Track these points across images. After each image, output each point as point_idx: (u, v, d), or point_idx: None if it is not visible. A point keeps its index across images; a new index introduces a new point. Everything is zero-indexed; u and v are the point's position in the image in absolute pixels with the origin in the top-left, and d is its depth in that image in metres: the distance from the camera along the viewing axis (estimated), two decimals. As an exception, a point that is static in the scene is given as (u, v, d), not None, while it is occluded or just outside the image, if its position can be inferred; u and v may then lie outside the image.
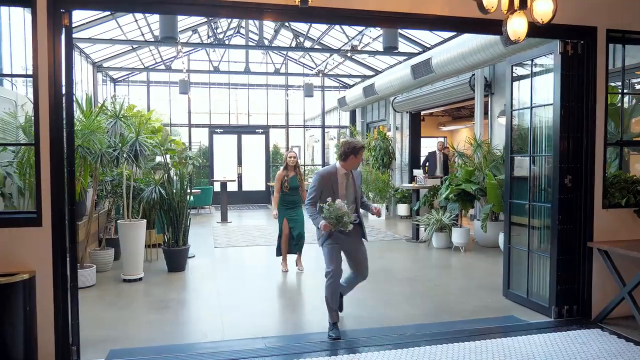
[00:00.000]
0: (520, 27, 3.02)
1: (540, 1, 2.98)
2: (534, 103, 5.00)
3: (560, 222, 4.57)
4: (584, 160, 4.56)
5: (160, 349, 4.04)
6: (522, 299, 5.06)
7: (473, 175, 8.05)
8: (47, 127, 3.48)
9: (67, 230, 3.61)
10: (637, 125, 5.86)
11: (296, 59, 15.22)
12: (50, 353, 3.58)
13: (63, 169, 3.56)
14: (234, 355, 3.82)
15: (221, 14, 5.44)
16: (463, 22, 4.19)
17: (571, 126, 4.56)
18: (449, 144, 14.61)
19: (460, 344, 4.03)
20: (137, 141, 6.01)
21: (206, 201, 13.62)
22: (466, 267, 7.08)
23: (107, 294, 5.69)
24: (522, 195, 5.14)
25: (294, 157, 6.68)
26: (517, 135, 5.36)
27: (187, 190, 6.89)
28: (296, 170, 6.67)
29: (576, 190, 4.58)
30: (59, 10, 3.47)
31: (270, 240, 8.86)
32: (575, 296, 4.64)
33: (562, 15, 4.31)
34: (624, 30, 4.64)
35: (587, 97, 4.54)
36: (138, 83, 14.89)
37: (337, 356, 3.78)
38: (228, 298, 5.57)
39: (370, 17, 4.10)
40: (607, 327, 4.40)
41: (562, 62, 4.54)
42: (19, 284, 3.40)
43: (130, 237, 6.15)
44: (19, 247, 3.51)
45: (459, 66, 8.11)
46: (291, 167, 6.64)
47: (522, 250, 5.10)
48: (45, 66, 3.46)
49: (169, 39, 7.19)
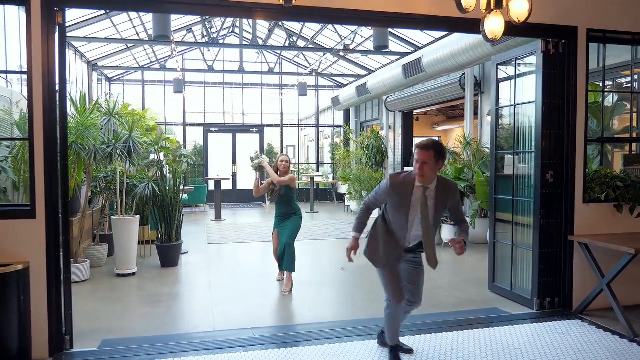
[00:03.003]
0: (497, 26, 3.14)
1: (515, 1, 3.10)
2: (518, 101, 5.13)
3: (542, 217, 4.70)
4: (565, 156, 4.69)
5: (152, 339, 4.14)
6: (506, 291, 5.19)
7: (462, 173, 8.18)
8: (40, 123, 3.58)
9: (61, 222, 3.71)
10: (620, 122, 6.00)
11: (290, 58, 15.33)
12: (44, 342, 3.68)
13: (56, 163, 3.66)
14: (222, 345, 3.92)
15: (212, 13, 5.56)
16: (449, 21, 4.30)
17: (553, 123, 4.69)
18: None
19: (444, 334, 4.15)
20: (131, 138, 6.11)
21: (200, 199, 13.71)
22: (455, 263, 7.20)
23: (101, 288, 5.79)
24: (508, 191, 5.27)
25: (286, 161, 5.70)
26: (504, 133, 5.49)
27: (180, 187, 6.99)
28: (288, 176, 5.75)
29: (558, 186, 4.71)
30: (52, 9, 3.58)
31: (264, 238, 8.98)
32: (557, 288, 4.77)
33: (544, 15, 4.49)
34: (605, 30, 4.78)
35: (568, 95, 4.67)
36: (133, 82, 14.96)
37: (324, 345, 3.89)
38: (220, 292, 5.67)
39: (357, 16, 4.22)
40: (587, 318, 4.53)
41: (544, 61, 4.67)
42: (13, 274, 3.50)
43: (123, 232, 6.25)
44: (13, 238, 3.61)
45: (448, 65, 8.25)
46: (283, 172, 5.69)
47: (506, 245, 5.23)
48: (40, 63, 3.56)
49: (163, 37, 7.28)
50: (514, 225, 5.12)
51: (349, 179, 12.59)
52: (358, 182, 12.17)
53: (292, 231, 5.62)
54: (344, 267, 6.63)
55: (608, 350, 3.78)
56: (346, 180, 12.89)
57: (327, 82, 16.41)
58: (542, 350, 3.80)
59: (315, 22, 9.66)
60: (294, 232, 5.63)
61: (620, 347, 3.83)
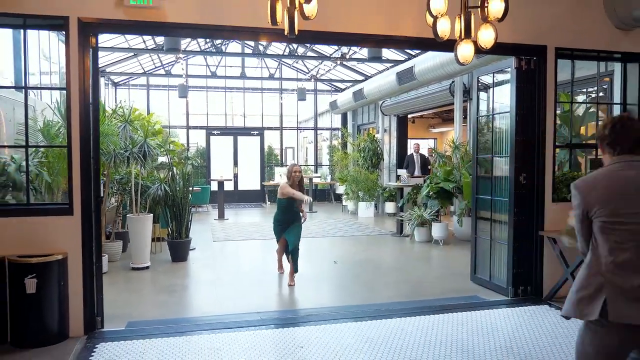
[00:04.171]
0: (467, 52, 3.71)
1: (483, 31, 3.66)
2: (495, 110, 5.72)
3: (516, 215, 5.29)
4: (536, 160, 5.27)
5: (170, 321, 4.72)
6: (486, 282, 5.77)
7: (451, 175, 8.77)
8: (77, 132, 4.15)
9: (94, 218, 4.29)
10: (591, 130, 6.58)
11: (290, 64, 15.91)
12: (79, 321, 4.25)
13: (90, 167, 4.23)
14: (233, 325, 4.50)
15: (224, 37, 6.12)
16: (430, 42, 4.78)
17: (525, 131, 5.27)
18: (437, 145, 15.30)
19: (427, 316, 4.73)
20: (145, 143, 6.69)
21: (204, 200, 14.26)
22: (443, 258, 7.80)
23: (118, 280, 6.35)
24: (487, 191, 5.85)
25: (299, 172, 6.08)
26: (484, 138, 6.07)
27: (189, 188, 7.57)
28: (300, 186, 6.12)
29: (529, 187, 5.29)
30: (88, 34, 4.15)
31: (265, 235, 9.55)
32: (529, 278, 5.36)
33: (517, 36, 5.09)
34: (573, 48, 5.36)
35: (538, 106, 5.25)
36: (138, 87, 15.54)
37: (321, 325, 4.47)
38: (227, 283, 6.26)
39: (351, 39, 4.82)
40: (555, 304, 5.11)
41: (517, 76, 5.25)
42: (54, 263, 4.07)
43: (138, 229, 6.82)
44: (53, 232, 4.18)
45: (438, 74, 8.84)
46: (296, 184, 6.07)
47: (486, 240, 5.81)
48: (77, 80, 4.13)
49: (173, 50, 7.86)
50: (492, 222, 5.71)
51: (347, 180, 13.20)
52: (355, 183, 12.78)
53: (298, 236, 6.04)
54: (336, 261, 7.33)
55: (567, 329, 4.37)
56: (344, 181, 13.49)
57: (325, 86, 17.01)
58: (512, 329, 4.39)
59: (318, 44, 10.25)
60: (299, 236, 6.05)
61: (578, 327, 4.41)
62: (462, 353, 3.87)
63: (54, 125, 5.95)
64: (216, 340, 4.12)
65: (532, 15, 5.14)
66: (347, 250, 8.45)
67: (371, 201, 12.85)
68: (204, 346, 4.00)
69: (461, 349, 3.94)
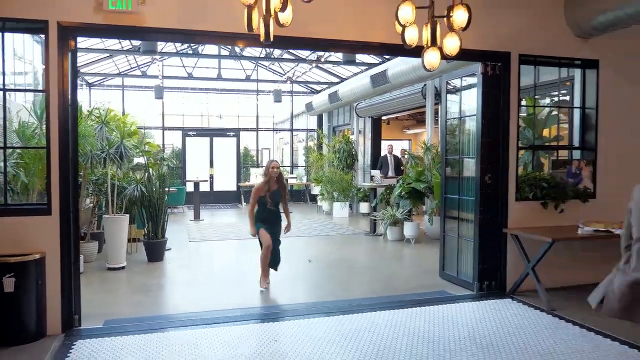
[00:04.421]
0: (434, 59, 3.93)
1: (449, 39, 3.89)
2: (463, 114, 5.98)
3: (481, 213, 5.55)
4: (500, 161, 5.55)
5: (146, 318, 4.81)
6: (453, 277, 6.02)
7: (423, 175, 9.04)
8: (56, 134, 4.23)
9: (72, 218, 4.37)
10: (553, 132, 6.92)
11: (266, 65, 16.03)
12: (57, 319, 4.32)
13: (69, 168, 4.32)
14: (207, 321, 4.62)
15: (202, 41, 6.24)
16: (400, 49, 4.99)
17: (490, 133, 5.54)
18: (411, 146, 15.61)
19: (396, 310, 4.95)
20: (122, 144, 6.75)
21: (179, 201, 14.27)
22: (414, 256, 8.06)
23: (94, 280, 6.39)
24: (455, 191, 6.11)
25: (277, 167, 5.83)
26: (453, 140, 6.33)
27: (165, 189, 7.64)
28: (279, 182, 5.85)
29: (494, 186, 5.56)
30: (67, 38, 4.24)
31: (240, 236, 9.67)
32: (494, 273, 5.63)
33: (483, 43, 5.36)
34: (535, 55, 5.65)
35: (503, 109, 5.53)
36: (113, 87, 15.45)
37: (295, 320, 4.64)
38: (203, 283, 6.37)
39: (325, 44, 5.01)
40: (518, 297, 5.38)
41: (483, 81, 5.52)
42: (32, 262, 4.14)
43: (114, 230, 6.87)
44: (32, 232, 4.24)
45: (410, 77, 9.10)
46: (274, 179, 5.82)
47: (453, 237, 6.07)
48: (56, 82, 4.21)
49: (150, 52, 7.93)
50: (459, 221, 5.97)
51: (322, 180, 13.40)
52: (330, 183, 13.00)
53: (279, 234, 5.96)
54: (311, 260, 7.53)
55: (527, 320, 4.64)
56: (319, 182, 13.69)
57: (301, 88, 17.18)
58: (476, 321, 4.63)
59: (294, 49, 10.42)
60: (279, 235, 5.97)
61: (538, 317, 4.70)
62: (428, 343, 4.09)
63: (30, 126, 5.98)
64: (192, 336, 4.25)
65: (496, 24, 5.42)
66: (322, 250, 8.63)
67: (346, 201, 13.07)
68: (181, 341, 4.13)
69: (427, 340, 4.16)
